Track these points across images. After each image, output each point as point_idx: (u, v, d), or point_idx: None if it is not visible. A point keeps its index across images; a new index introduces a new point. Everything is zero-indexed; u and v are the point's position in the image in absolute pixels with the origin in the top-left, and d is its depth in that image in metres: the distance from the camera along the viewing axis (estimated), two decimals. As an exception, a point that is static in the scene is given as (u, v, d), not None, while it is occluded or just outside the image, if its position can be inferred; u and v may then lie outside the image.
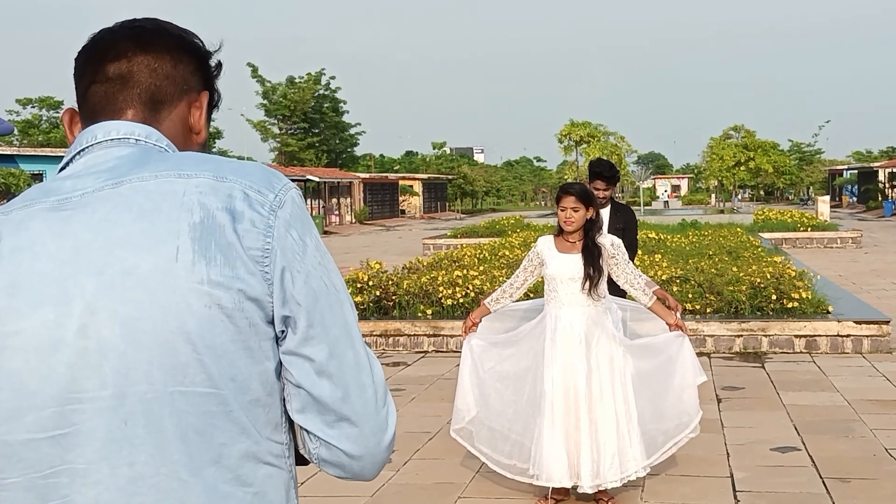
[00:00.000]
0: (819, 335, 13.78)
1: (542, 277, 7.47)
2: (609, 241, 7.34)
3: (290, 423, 2.04)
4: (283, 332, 1.95)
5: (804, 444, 8.97)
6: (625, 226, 9.15)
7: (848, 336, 13.69)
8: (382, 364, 13.53)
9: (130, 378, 1.88)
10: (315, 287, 1.96)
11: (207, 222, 1.90)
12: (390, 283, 15.76)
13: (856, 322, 13.79)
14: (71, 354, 1.88)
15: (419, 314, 15.10)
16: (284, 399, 2.01)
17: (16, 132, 78.73)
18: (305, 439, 2.03)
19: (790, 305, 14.38)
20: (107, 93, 2.08)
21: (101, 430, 1.88)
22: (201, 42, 2.21)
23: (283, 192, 1.99)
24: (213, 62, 2.23)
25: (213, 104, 2.25)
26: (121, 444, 1.88)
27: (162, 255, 1.88)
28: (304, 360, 1.95)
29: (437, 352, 14.56)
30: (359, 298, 15.36)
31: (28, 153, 44.00)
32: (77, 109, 2.14)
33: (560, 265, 7.26)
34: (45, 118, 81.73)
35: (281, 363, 1.97)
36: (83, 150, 2.05)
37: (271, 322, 1.94)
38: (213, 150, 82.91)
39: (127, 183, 1.95)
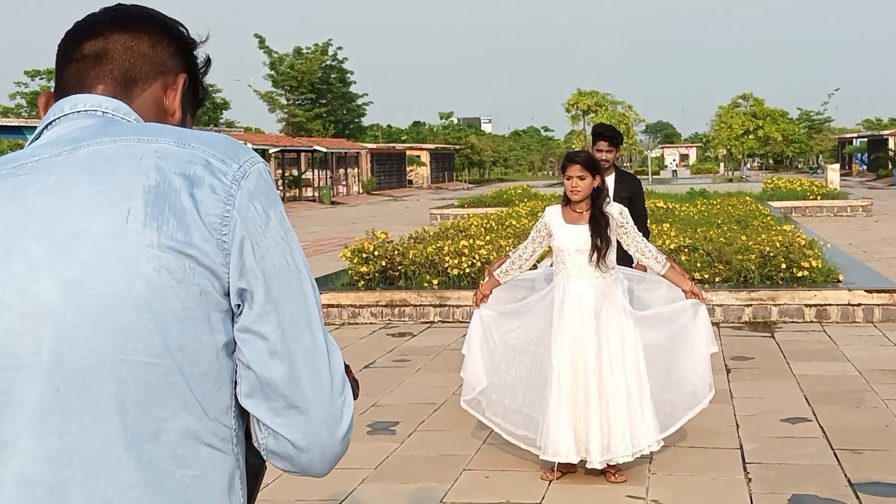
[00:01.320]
0: (829, 304, 13.63)
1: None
2: (617, 210, 7.19)
3: (243, 410, 1.91)
4: (238, 306, 1.84)
5: (815, 414, 8.84)
6: (630, 195, 8.96)
7: (859, 305, 13.54)
8: (388, 335, 13.45)
9: (69, 343, 1.77)
10: (275, 262, 1.85)
11: (163, 186, 1.80)
12: (396, 253, 15.64)
13: (867, 291, 13.64)
14: (8, 317, 1.78)
15: (425, 284, 14.99)
16: (235, 381, 1.89)
17: (24, 104, 79.18)
18: (255, 428, 1.91)
19: (800, 274, 14.23)
20: (79, 70, 2.02)
21: (34, 398, 1.77)
22: (185, 30, 2.12)
23: (249, 164, 1.89)
24: (200, 56, 2.15)
25: (197, 98, 2.17)
26: (52, 413, 1.76)
27: (113, 217, 1.78)
28: (258, 338, 1.84)
29: (443, 322, 14.44)
30: (364, 268, 15.25)
31: (35, 124, 43.85)
32: (53, 93, 2.07)
33: (567, 236, 7.12)
34: (52, 90, 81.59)
35: (235, 342, 1.85)
36: (50, 123, 1.99)
37: (226, 294, 1.83)
38: (220, 121, 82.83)
39: (84, 147, 1.87)
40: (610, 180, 8.74)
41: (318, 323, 1.90)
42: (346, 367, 2.19)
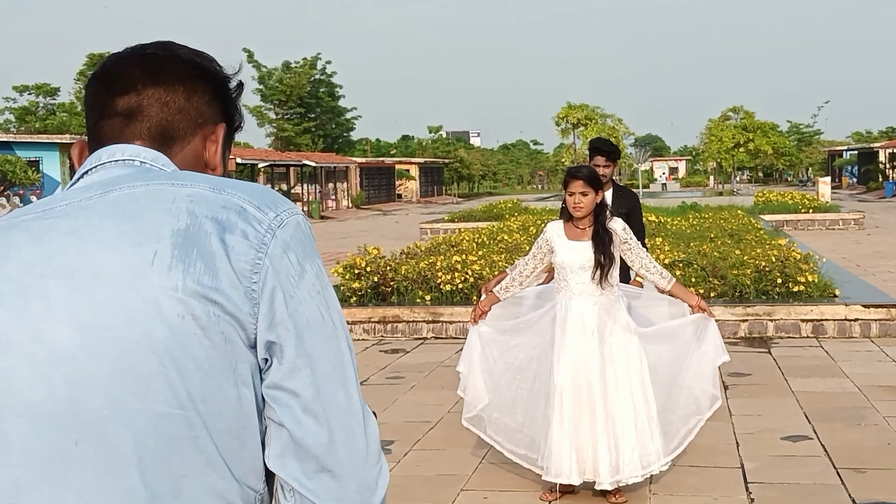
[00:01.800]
0: (826, 319, 13.54)
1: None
2: (620, 226, 7.08)
3: (271, 476, 1.78)
4: (266, 360, 1.72)
5: (815, 432, 8.73)
6: (629, 210, 8.85)
7: (856, 320, 13.45)
8: (381, 351, 13.35)
9: (85, 391, 1.65)
10: (309, 315, 1.74)
11: (193, 229, 1.70)
12: (388, 268, 15.52)
13: (864, 306, 13.55)
14: (16, 358, 1.67)
15: (418, 300, 14.86)
16: (264, 443, 1.76)
17: (12, 119, 79.08)
18: (279, 495, 1.77)
19: (796, 289, 14.14)
20: (113, 126, 1.93)
21: (45, 448, 1.65)
22: (218, 67, 2.01)
23: (287, 214, 1.79)
24: (233, 83, 2.04)
25: (234, 128, 2.06)
26: (68, 466, 1.64)
27: (137, 258, 1.68)
28: (289, 395, 1.71)
29: (437, 338, 14.31)
30: (356, 284, 15.13)
31: (25, 140, 43.67)
32: (87, 143, 1.97)
33: (570, 253, 7.00)
34: (41, 105, 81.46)
35: (263, 399, 1.74)
36: (86, 172, 1.89)
37: (253, 347, 1.71)
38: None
39: (116, 191, 1.77)
40: (608, 195, 8.63)
41: (355, 384, 1.78)
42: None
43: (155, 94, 1.91)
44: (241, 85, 2.07)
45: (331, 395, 1.72)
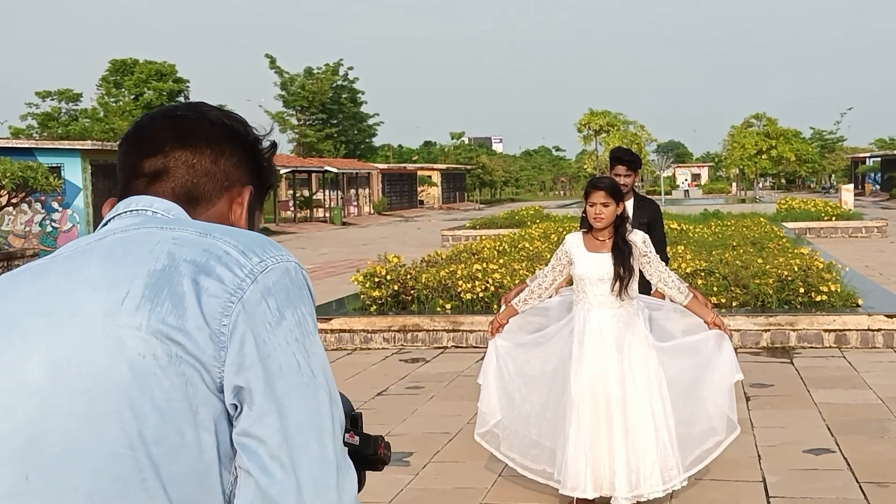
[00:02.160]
0: (849, 329, 13.42)
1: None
2: (640, 239, 7.02)
3: None
4: (235, 406, 1.66)
5: (838, 445, 8.64)
6: (650, 220, 8.78)
7: (879, 330, 13.32)
8: (401, 360, 13.30)
9: (44, 426, 1.64)
10: (282, 361, 1.68)
11: (168, 270, 1.69)
12: (409, 276, 15.47)
13: (887, 315, 13.42)
14: None
15: (438, 309, 14.80)
16: (231, 493, 1.70)
17: (35, 125, 79.38)
18: None
19: (819, 299, 14.03)
20: (139, 186, 1.95)
21: (4, 483, 1.64)
22: (248, 129, 2.01)
23: (274, 261, 1.76)
24: (265, 143, 2.03)
25: (267, 186, 2.06)
26: (18, 501, 1.63)
27: (111, 297, 1.67)
28: (257, 442, 1.65)
29: (457, 347, 14.25)
30: (376, 293, 15.08)
31: (46, 146, 43.77)
32: (117, 201, 1.98)
33: (589, 265, 6.94)
34: (64, 111, 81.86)
35: (229, 444, 1.68)
36: (107, 222, 1.91)
37: (220, 391, 1.66)
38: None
39: (112, 235, 1.80)
40: (629, 205, 8.57)
41: (333, 437, 1.70)
42: (379, 438, 2.03)
43: (182, 157, 1.93)
44: (273, 145, 2.06)
45: (302, 444, 1.66)
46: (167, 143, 1.93)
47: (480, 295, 14.84)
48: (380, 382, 11.94)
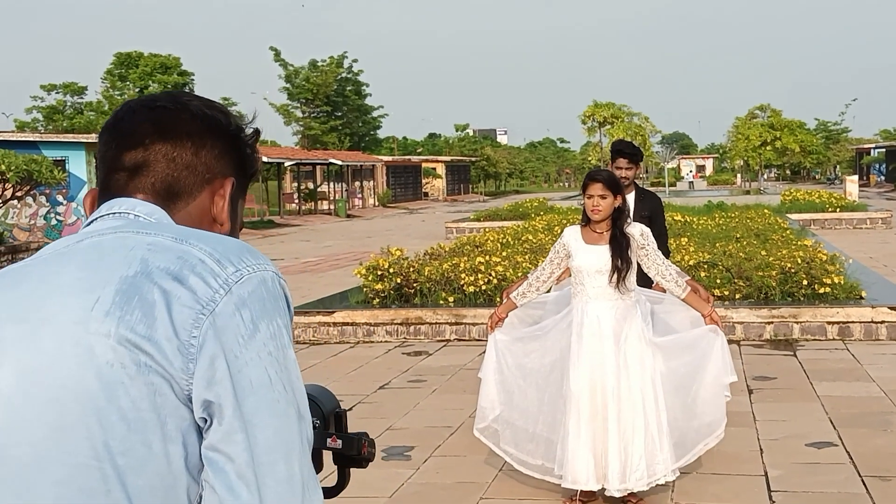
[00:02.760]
0: (853, 321, 13.39)
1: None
2: (638, 231, 7.00)
3: None
4: (205, 420, 1.63)
5: (840, 438, 8.61)
6: (651, 213, 8.76)
7: (882, 322, 13.29)
8: (403, 353, 13.27)
9: (13, 435, 1.62)
10: (253, 377, 1.64)
11: (140, 277, 1.65)
12: (411, 269, 15.45)
13: (891, 308, 13.37)
14: None
15: (441, 302, 14.79)
16: None
17: (40, 118, 79.40)
18: None
19: (822, 291, 14.00)
20: (120, 180, 1.92)
21: None
22: (230, 119, 1.97)
23: (250, 270, 1.71)
24: (248, 131, 2.00)
25: (250, 174, 2.02)
26: None
27: (82, 304, 1.64)
28: (225, 459, 1.62)
29: (460, 340, 14.23)
30: (379, 286, 15.07)
31: (51, 139, 43.81)
32: (98, 192, 1.96)
33: (587, 257, 6.92)
34: (69, 104, 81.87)
35: (198, 456, 1.65)
36: (90, 222, 1.88)
37: (188, 403, 1.63)
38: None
39: (88, 239, 1.76)
40: (630, 198, 8.55)
41: (300, 456, 1.67)
42: (363, 437, 2.01)
43: (162, 150, 1.89)
44: (256, 133, 2.03)
45: (269, 463, 1.63)
46: (147, 136, 1.90)
47: (483, 288, 14.81)
48: (382, 376, 11.93)
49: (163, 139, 1.89)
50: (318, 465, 1.95)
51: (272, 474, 1.62)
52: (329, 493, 2.02)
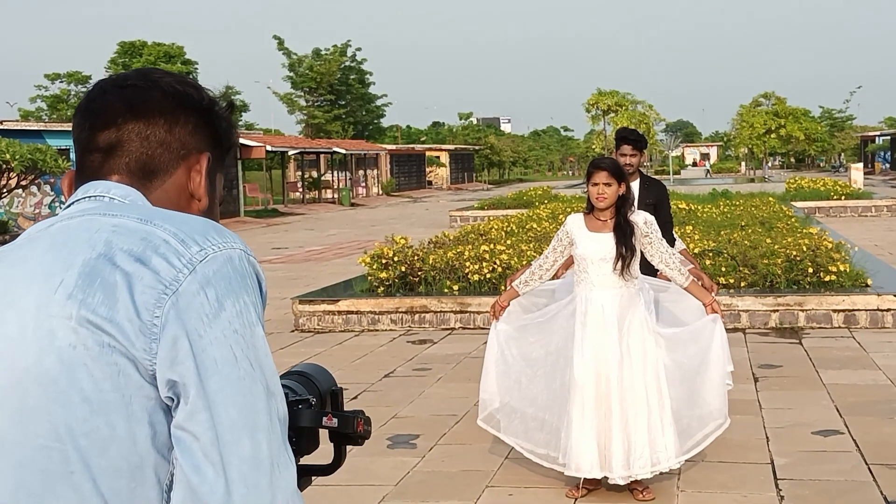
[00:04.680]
0: (858, 309, 13.36)
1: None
2: (642, 219, 6.97)
3: None
4: (171, 399, 1.62)
5: (847, 426, 8.59)
6: (656, 202, 8.71)
7: (888, 310, 13.25)
8: (408, 342, 13.26)
9: None
10: (218, 356, 1.62)
11: (102, 259, 1.65)
12: (416, 258, 15.43)
13: (896, 295, 13.35)
14: None
15: (445, 290, 14.76)
16: (169, 484, 1.66)
17: (44, 107, 79.47)
18: None
19: (827, 279, 13.96)
20: (95, 161, 1.90)
21: None
22: (203, 93, 1.95)
23: (215, 249, 1.69)
24: (221, 104, 1.98)
25: (227, 147, 2.00)
26: None
27: (44, 288, 1.65)
28: (192, 439, 1.60)
29: (464, 328, 14.21)
30: (384, 274, 15.05)
31: (55, 128, 43.77)
32: (75, 174, 1.95)
33: (590, 245, 6.90)
34: (73, 93, 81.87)
35: (167, 434, 1.65)
36: (68, 206, 1.87)
37: (153, 382, 1.62)
38: (240, 123, 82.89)
39: (59, 223, 1.76)
40: (634, 186, 8.50)
41: (268, 433, 1.64)
42: (358, 414, 2.00)
43: (135, 129, 1.88)
44: (230, 105, 2.01)
45: (233, 442, 1.60)
46: (119, 116, 1.88)
47: (488, 276, 14.78)
48: (387, 364, 11.92)
49: (135, 118, 1.88)
50: (314, 443, 1.95)
51: (237, 453, 1.60)
52: (325, 470, 2.03)
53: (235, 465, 1.59)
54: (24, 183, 31.43)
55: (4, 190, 30.72)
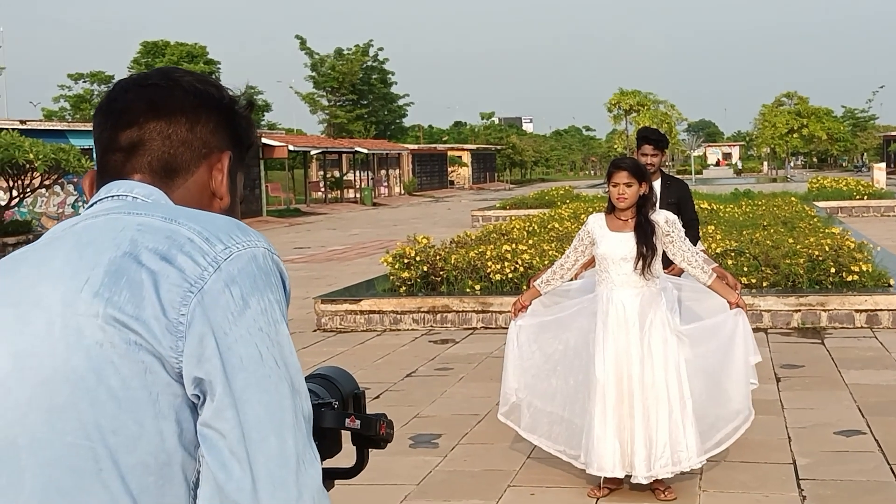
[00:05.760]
0: (881, 309, 13.32)
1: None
2: (663, 218, 6.98)
3: None
4: (198, 397, 1.64)
5: (869, 426, 8.58)
6: (679, 200, 8.70)
7: (911, 310, 13.21)
8: (430, 341, 13.28)
9: (7, 418, 1.65)
10: (244, 353, 1.64)
11: (128, 258, 1.66)
12: (438, 258, 15.45)
13: (919, 296, 13.31)
14: None
15: (467, 290, 14.78)
16: (196, 482, 1.68)
17: (67, 107, 79.71)
18: None
19: (850, 279, 13.92)
20: (117, 161, 1.92)
21: None
22: (223, 92, 1.97)
23: (240, 247, 1.71)
24: (241, 103, 1.99)
25: (247, 146, 2.02)
26: None
27: (71, 286, 1.66)
28: (219, 436, 1.62)
29: (486, 328, 14.23)
30: (406, 274, 15.07)
31: (79, 128, 43.92)
32: (96, 174, 1.97)
33: (612, 244, 6.91)
34: (96, 93, 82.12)
35: (194, 432, 1.66)
36: (91, 205, 1.89)
37: (180, 380, 1.64)
38: (262, 123, 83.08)
39: (83, 222, 1.78)
40: (656, 185, 8.50)
41: (294, 430, 1.66)
42: (381, 417, 2.01)
43: (157, 128, 1.89)
44: (250, 104, 2.02)
45: (260, 440, 1.62)
46: (141, 115, 1.89)
47: (510, 276, 14.80)
48: (409, 363, 11.94)
49: (157, 117, 1.89)
50: (336, 445, 1.95)
51: (263, 450, 1.61)
52: (348, 473, 2.03)
53: (262, 462, 1.61)
54: (47, 183, 31.53)
55: (28, 190, 30.85)
